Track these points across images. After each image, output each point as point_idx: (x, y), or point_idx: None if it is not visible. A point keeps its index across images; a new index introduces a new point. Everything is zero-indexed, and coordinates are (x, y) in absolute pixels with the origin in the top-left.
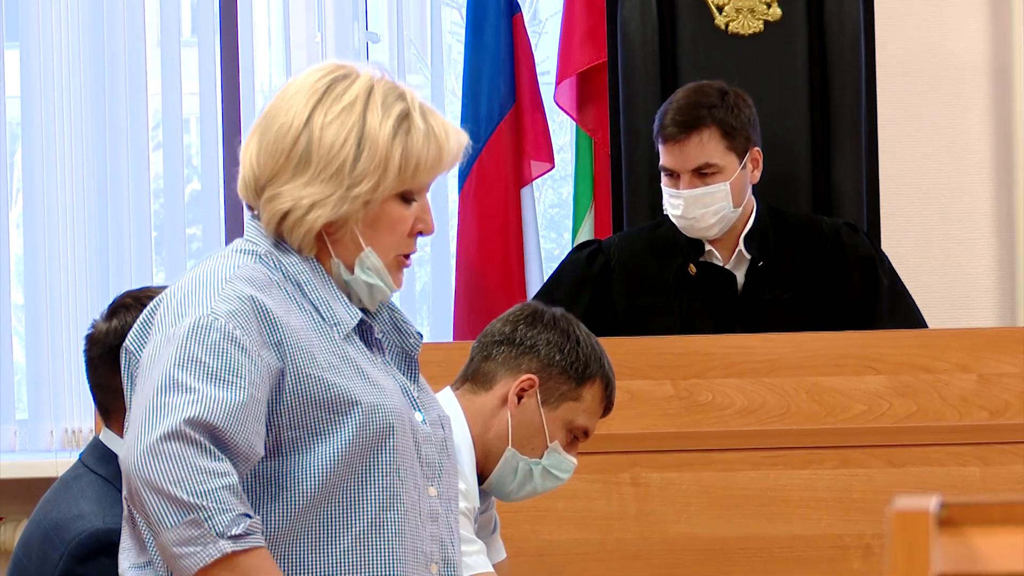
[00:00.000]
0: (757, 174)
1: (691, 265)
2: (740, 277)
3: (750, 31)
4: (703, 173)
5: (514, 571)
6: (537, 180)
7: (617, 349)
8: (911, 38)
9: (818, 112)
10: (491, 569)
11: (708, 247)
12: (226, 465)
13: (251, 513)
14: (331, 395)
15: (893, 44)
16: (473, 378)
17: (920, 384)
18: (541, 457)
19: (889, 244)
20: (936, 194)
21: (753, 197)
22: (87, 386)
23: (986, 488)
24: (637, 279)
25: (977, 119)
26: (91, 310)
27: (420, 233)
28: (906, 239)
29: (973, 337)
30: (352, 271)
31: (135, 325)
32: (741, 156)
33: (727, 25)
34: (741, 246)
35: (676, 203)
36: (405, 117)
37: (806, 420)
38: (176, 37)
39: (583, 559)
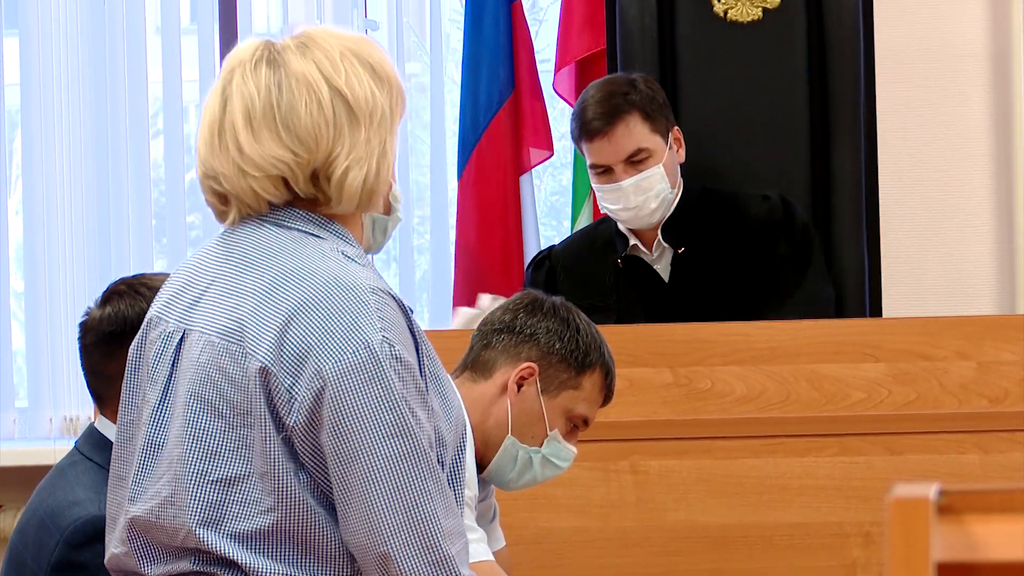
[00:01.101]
0: (682, 153)
1: (618, 260)
2: (663, 267)
3: (749, 18)
4: (635, 161)
5: (513, 559)
6: (536, 168)
7: (616, 337)
8: (910, 25)
9: (816, 99)
10: (491, 557)
11: (633, 240)
12: None
13: None
14: (450, 411)
15: (892, 31)
16: (473, 366)
17: (919, 372)
18: (541, 445)
19: (888, 231)
20: (935, 182)
21: (681, 179)
22: (83, 373)
23: (985, 476)
24: (578, 280)
25: (976, 106)
26: (90, 298)
27: None
28: (905, 226)
29: (972, 325)
30: (388, 212)
31: (264, 338)
32: (665, 137)
33: (726, 12)
34: (659, 236)
35: (615, 196)
36: (369, 41)
37: (806, 408)
38: (176, 24)
39: (582, 547)
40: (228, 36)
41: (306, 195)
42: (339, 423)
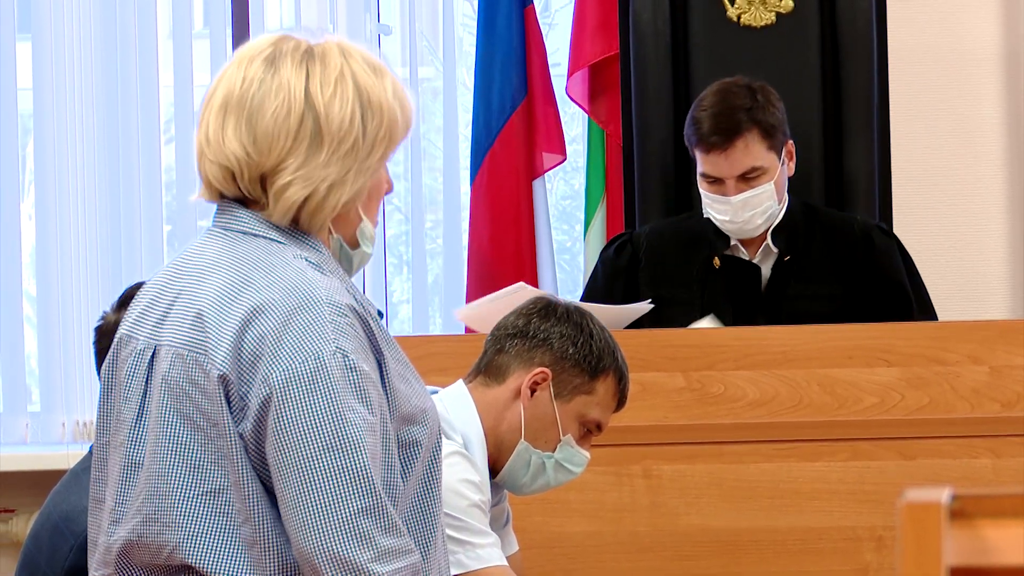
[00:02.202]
0: (792, 166)
1: (715, 258)
2: (766, 270)
3: (762, 22)
4: (748, 177)
5: (527, 563)
6: (549, 172)
7: (629, 341)
8: (923, 28)
9: (830, 102)
10: (504, 562)
11: (734, 240)
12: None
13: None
14: (410, 408)
15: (905, 34)
16: (486, 371)
17: (932, 376)
18: (554, 450)
19: (901, 234)
20: (948, 184)
21: (787, 194)
22: (97, 378)
23: (998, 480)
24: (661, 270)
25: (990, 108)
26: (103, 302)
27: (386, 194)
28: (918, 229)
29: (985, 329)
30: (353, 245)
31: (222, 346)
32: (779, 153)
33: (739, 17)
34: (769, 240)
35: (723, 208)
36: (387, 73)
37: (818, 412)
38: (188, 29)
39: (595, 551)
40: (241, 41)
41: (250, 195)
42: (281, 432)
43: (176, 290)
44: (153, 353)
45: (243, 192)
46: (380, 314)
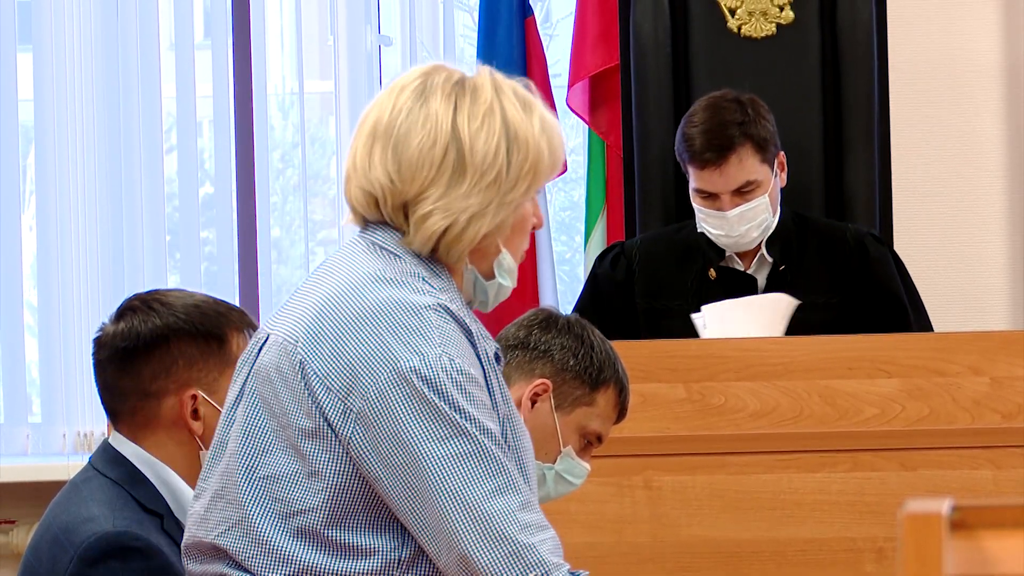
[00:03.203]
0: (784, 177)
1: (711, 270)
2: (761, 281)
3: (762, 34)
4: (743, 191)
5: None
6: (549, 183)
7: (629, 352)
8: (924, 40)
9: (831, 114)
10: None
11: (728, 252)
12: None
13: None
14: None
15: (906, 46)
16: None
17: (932, 387)
18: (554, 462)
19: (902, 246)
20: (949, 196)
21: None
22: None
23: (998, 491)
24: (656, 281)
25: (990, 120)
26: (104, 313)
27: (534, 228)
28: (919, 241)
29: (986, 340)
30: (488, 276)
31: (313, 339)
32: (772, 165)
33: (739, 28)
34: (763, 250)
35: (718, 223)
36: (536, 109)
37: (819, 423)
38: (189, 40)
39: (596, 562)
40: (242, 52)
41: (392, 222)
42: (396, 433)
43: (305, 288)
44: (265, 340)
45: (385, 218)
46: (498, 358)
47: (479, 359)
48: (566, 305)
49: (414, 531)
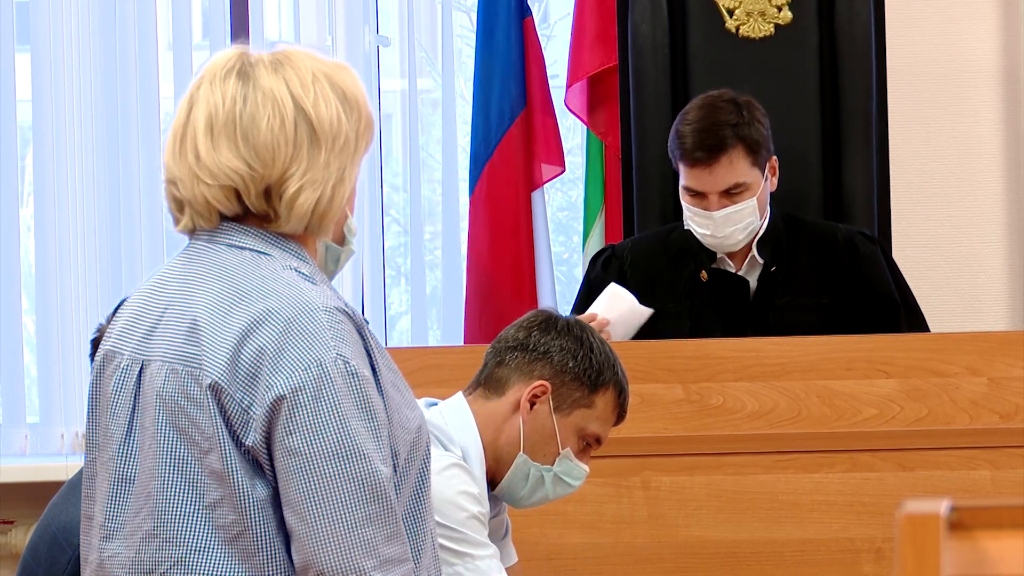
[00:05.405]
0: (775, 181)
1: (703, 272)
2: (752, 282)
3: (760, 35)
4: (731, 192)
5: (526, 575)
6: (548, 183)
7: (628, 353)
8: (922, 42)
9: (829, 115)
10: (504, 574)
11: (720, 254)
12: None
13: None
14: (401, 417)
15: (904, 48)
16: (486, 383)
17: (930, 388)
18: (553, 464)
19: (900, 247)
20: (947, 197)
21: (769, 207)
22: None
23: (996, 492)
24: (648, 283)
25: (988, 122)
26: (102, 314)
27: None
28: (917, 242)
29: (984, 341)
30: (341, 242)
31: (218, 357)
32: (763, 169)
33: (738, 28)
34: (754, 251)
35: (704, 222)
36: (346, 65)
37: (817, 424)
38: (187, 40)
39: (594, 563)
40: None
41: (257, 210)
42: (287, 443)
43: (163, 304)
44: (141, 368)
45: (249, 208)
46: (366, 322)
47: (365, 346)
48: (564, 306)
49: (290, 534)
